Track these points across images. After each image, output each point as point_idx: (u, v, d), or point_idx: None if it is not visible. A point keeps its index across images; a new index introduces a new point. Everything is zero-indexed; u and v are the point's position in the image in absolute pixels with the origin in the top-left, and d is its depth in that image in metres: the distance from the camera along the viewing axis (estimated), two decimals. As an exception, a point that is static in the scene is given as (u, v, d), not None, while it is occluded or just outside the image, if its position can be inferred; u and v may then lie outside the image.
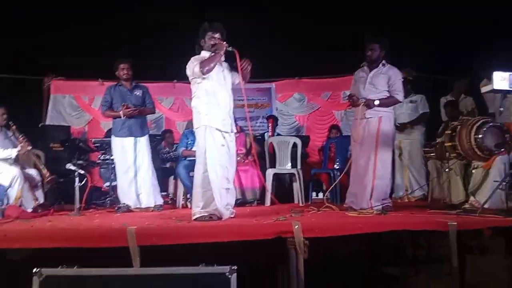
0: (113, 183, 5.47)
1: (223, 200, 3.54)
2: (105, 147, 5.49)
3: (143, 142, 4.77)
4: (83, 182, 4.61)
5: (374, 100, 3.98)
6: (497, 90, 3.54)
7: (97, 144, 5.63)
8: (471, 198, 3.88)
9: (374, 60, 4.08)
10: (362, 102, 4.00)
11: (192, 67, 3.54)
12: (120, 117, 4.65)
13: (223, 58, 3.66)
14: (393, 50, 4.21)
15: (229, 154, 3.63)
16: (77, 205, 4.46)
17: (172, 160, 6.26)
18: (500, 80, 3.45)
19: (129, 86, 4.80)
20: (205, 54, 3.66)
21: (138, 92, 4.81)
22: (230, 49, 3.57)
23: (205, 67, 3.49)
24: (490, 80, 3.55)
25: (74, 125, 7.39)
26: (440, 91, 5.86)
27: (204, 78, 3.54)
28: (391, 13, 6.66)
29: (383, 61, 4.11)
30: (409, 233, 2.99)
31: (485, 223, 2.95)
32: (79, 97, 7.61)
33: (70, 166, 4.58)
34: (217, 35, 3.62)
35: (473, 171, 4.06)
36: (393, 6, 6.60)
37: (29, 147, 4.64)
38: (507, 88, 3.44)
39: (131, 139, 4.69)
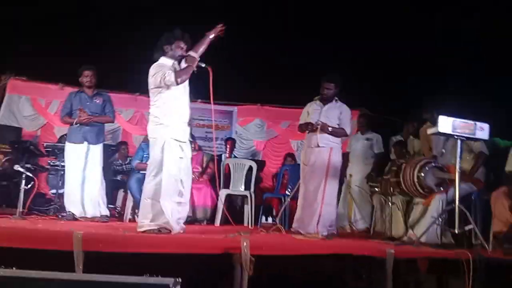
0: (60, 191, 5.33)
1: (175, 214, 3.51)
2: (57, 152, 5.37)
3: (97, 150, 4.71)
4: (29, 186, 4.47)
5: (329, 126, 4.24)
6: (441, 133, 3.82)
7: (48, 149, 5.49)
8: (410, 231, 4.10)
9: (330, 97, 4.38)
10: (319, 124, 4.21)
11: (161, 75, 3.44)
12: (74, 124, 4.60)
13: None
14: (349, 89, 4.53)
15: (186, 166, 3.62)
16: (20, 208, 4.30)
17: (124, 173, 6.18)
18: (445, 124, 3.73)
19: (90, 93, 4.78)
20: (166, 61, 3.58)
21: (98, 100, 4.78)
22: (203, 65, 3.56)
23: (181, 78, 3.45)
24: (433, 123, 3.83)
25: (27, 128, 7.15)
26: (392, 131, 6.20)
27: (168, 88, 3.49)
28: (350, 50, 7.05)
29: (336, 98, 4.42)
30: (351, 262, 3.12)
31: (420, 253, 3.15)
32: (35, 99, 7.40)
33: (18, 167, 4.44)
34: (185, 47, 3.62)
35: (414, 206, 4.30)
36: (357, 41, 6.99)
37: None
38: (450, 132, 3.72)
39: (85, 145, 4.63)
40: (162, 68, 3.51)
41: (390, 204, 4.38)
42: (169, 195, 3.45)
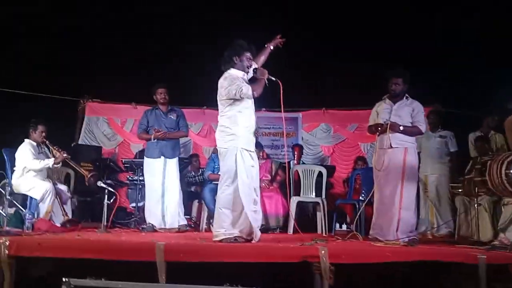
0: (139, 204, 5.59)
1: (254, 222, 3.52)
2: (135, 167, 5.64)
3: (173, 163, 4.91)
4: (111, 200, 4.73)
5: (400, 125, 4.00)
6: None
7: (127, 165, 5.78)
8: (501, 234, 3.79)
9: (398, 93, 4.13)
10: (387, 123, 4.00)
11: (236, 87, 3.49)
12: (152, 140, 4.84)
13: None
14: (419, 85, 4.27)
15: (256, 174, 3.66)
16: (104, 222, 4.55)
17: (197, 184, 6.35)
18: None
19: (165, 109, 5.02)
20: (236, 72, 3.63)
21: (172, 116, 5.00)
22: (273, 79, 3.63)
23: (257, 91, 3.56)
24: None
25: (106, 146, 7.62)
26: (468, 127, 5.80)
27: (241, 100, 3.54)
28: (417, 48, 6.74)
29: (406, 95, 4.16)
30: (438, 269, 2.93)
31: (516, 259, 2.88)
32: (111, 119, 7.87)
33: (100, 183, 4.71)
34: (252, 57, 3.69)
35: (503, 207, 3.97)
36: (419, 40, 6.69)
37: (65, 155, 4.80)
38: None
39: (162, 160, 4.84)
40: (235, 80, 3.56)
41: (476, 206, 4.08)
42: (247, 204, 3.48)
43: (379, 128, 4.07)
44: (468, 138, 5.49)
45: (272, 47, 3.87)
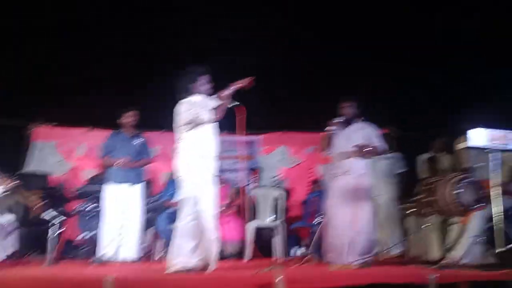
0: (91, 234, 5.33)
1: (214, 250, 3.46)
2: (87, 195, 5.39)
3: (138, 189, 4.72)
4: (59, 231, 4.49)
5: (364, 147, 4.02)
6: (472, 147, 3.68)
7: (80, 191, 5.52)
8: (449, 253, 3.90)
9: (351, 117, 4.20)
10: (354, 149, 4.01)
11: (194, 113, 3.46)
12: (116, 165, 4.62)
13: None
14: (373, 108, 4.38)
15: (217, 200, 3.61)
16: (50, 255, 4.30)
17: (151, 211, 6.16)
18: (475, 137, 3.59)
19: (130, 134, 4.82)
20: (195, 98, 3.61)
21: (138, 141, 4.83)
22: (236, 103, 3.61)
23: (217, 116, 3.53)
24: (465, 137, 3.69)
25: (54, 173, 7.26)
26: (415, 149, 6.01)
27: (200, 125, 3.50)
28: (371, 70, 6.99)
29: (359, 119, 4.26)
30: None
31: (464, 277, 2.96)
32: (61, 144, 7.53)
33: (47, 215, 4.47)
34: (209, 80, 3.67)
35: (450, 226, 4.11)
36: (372, 64, 6.94)
37: (15, 182, 4.48)
38: (482, 145, 3.57)
39: (125, 186, 4.64)
40: (193, 105, 3.53)
41: (426, 226, 4.20)
42: (209, 232, 3.42)
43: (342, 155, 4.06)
44: (417, 160, 5.70)
45: (240, 86, 3.68)
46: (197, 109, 3.49)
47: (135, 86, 7.01)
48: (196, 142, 3.52)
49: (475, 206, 3.67)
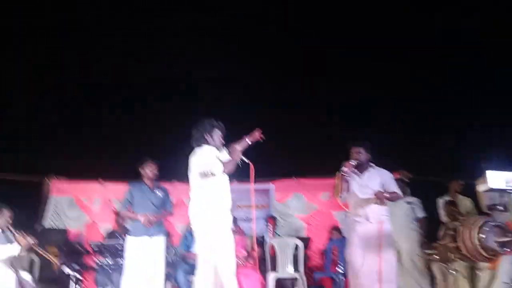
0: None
1: None
2: (103, 250, 5.37)
3: (160, 242, 4.59)
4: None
5: (384, 192, 3.97)
6: (493, 189, 3.63)
7: (96, 248, 5.49)
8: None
9: (362, 163, 4.15)
10: (374, 198, 3.97)
11: (207, 164, 3.50)
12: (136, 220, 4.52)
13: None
14: (384, 152, 4.36)
15: (233, 253, 3.56)
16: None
17: (170, 265, 6.07)
18: (495, 179, 3.55)
19: (152, 185, 4.73)
20: (208, 149, 3.65)
21: (160, 193, 4.75)
22: (246, 160, 3.64)
23: (228, 169, 3.53)
24: (485, 179, 3.65)
25: (72, 227, 7.28)
26: (435, 193, 5.94)
27: (211, 176, 3.52)
28: (383, 116, 7.05)
29: (371, 164, 4.20)
30: None
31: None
32: (78, 198, 7.60)
33: (66, 269, 4.44)
34: (222, 135, 3.76)
35: (479, 273, 3.98)
36: (384, 109, 7.01)
37: (32, 241, 4.38)
38: (503, 187, 3.53)
39: (147, 238, 4.51)
40: (207, 157, 3.58)
41: (453, 272, 4.07)
42: (228, 286, 3.35)
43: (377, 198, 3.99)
44: (437, 203, 5.61)
45: (250, 142, 3.70)
46: (210, 160, 3.53)
47: (146, 138, 7.17)
48: (209, 193, 3.54)
49: (503, 251, 3.56)
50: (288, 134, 7.46)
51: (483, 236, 3.57)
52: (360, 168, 4.17)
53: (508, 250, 3.53)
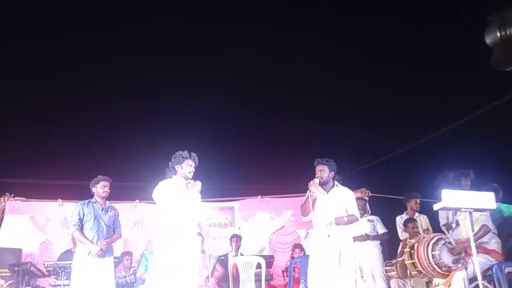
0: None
1: None
2: (58, 271, 5.16)
3: (109, 262, 4.49)
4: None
5: (343, 217, 4.02)
6: (447, 207, 3.76)
7: (49, 268, 5.28)
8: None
9: (326, 181, 4.21)
10: (330, 224, 4.03)
11: (161, 196, 3.75)
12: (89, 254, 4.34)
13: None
14: (345, 171, 4.46)
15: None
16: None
17: (127, 285, 5.91)
18: (449, 197, 3.69)
19: (103, 205, 4.61)
20: (178, 178, 3.89)
21: (111, 213, 4.62)
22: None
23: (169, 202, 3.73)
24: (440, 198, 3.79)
25: (25, 247, 6.98)
26: (393, 211, 6.09)
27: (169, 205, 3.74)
28: (343, 136, 7.24)
29: (335, 183, 4.26)
30: None
31: None
32: (34, 217, 7.34)
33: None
34: (193, 164, 3.96)
35: (435, 288, 4.10)
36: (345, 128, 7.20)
37: None
38: (457, 206, 3.66)
39: (97, 259, 4.37)
40: (162, 188, 3.83)
41: (409, 288, 4.18)
42: None
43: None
44: (396, 221, 5.75)
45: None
46: (162, 192, 3.77)
47: (108, 157, 7.06)
48: (170, 219, 3.73)
49: (456, 267, 3.70)
50: (251, 154, 7.53)
51: (437, 252, 3.70)
52: (325, 186, 4.23)
53: (460, 265, 3.67)
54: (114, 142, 7.20)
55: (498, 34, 2.14)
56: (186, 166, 3.94)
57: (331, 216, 4.07)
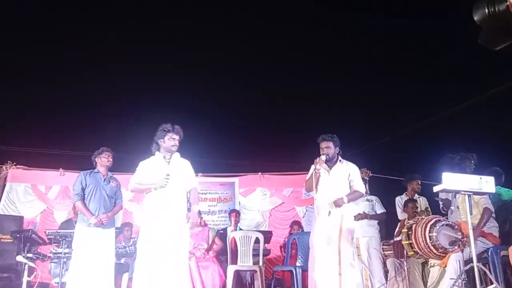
0: (63, 279, 5.13)
1: None
2: (59, 239, 5.22)
3: (110, 234, 4.54)
4: (32, 276, 4.31)
5: (342, 198, 4.04)
6: (447, 189, 3.78)
7: (50, 236, 5.34)
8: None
9: (331, 157, 4.21)
10: (331, 204, 4.05)
11: (141, 179, 3.82)
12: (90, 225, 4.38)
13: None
14: (345, 151, 4.45)
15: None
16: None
17: (127, 256, 5.99)
18: (450, 180, 3.70)
19: (106, 175, 4.63)
20: (158, 155, 3.89)
21: (113, 183, 4.65)
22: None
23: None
24: (440, 180, 3.79)
25: (26, 215, 7.07)
26: (392, 191, 6.12)
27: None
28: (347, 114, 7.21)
29: (340, 158, 4.27)
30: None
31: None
32: (35, 185, 7.40)
33: (20, 258, 4.31)
34: (177, 138, 3.87)
35: (430, 268, 4.15)
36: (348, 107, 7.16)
37: None
38: (456, 188, 3.68)
39: (98, 229, 4.42)
40: (138, 170, 3.89)
41: (405, 268, 4.24)
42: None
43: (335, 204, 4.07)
44: (396, 201, 5.78)
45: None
46: (147, 175, 3.78)
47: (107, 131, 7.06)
48: (148, 195, 3.78)
49: (452, 249, 3.73)
50: (254, 131, 7.52)
51: (434, 234, 3.73)
52: (330, 162, 4.23)
53: (456, 248, 3.71)
54: (115, 113, 7.18)
55: (487, 10, 2.07)
56: (169, 140, 3.86)
57: (333, 194, 4.10)
